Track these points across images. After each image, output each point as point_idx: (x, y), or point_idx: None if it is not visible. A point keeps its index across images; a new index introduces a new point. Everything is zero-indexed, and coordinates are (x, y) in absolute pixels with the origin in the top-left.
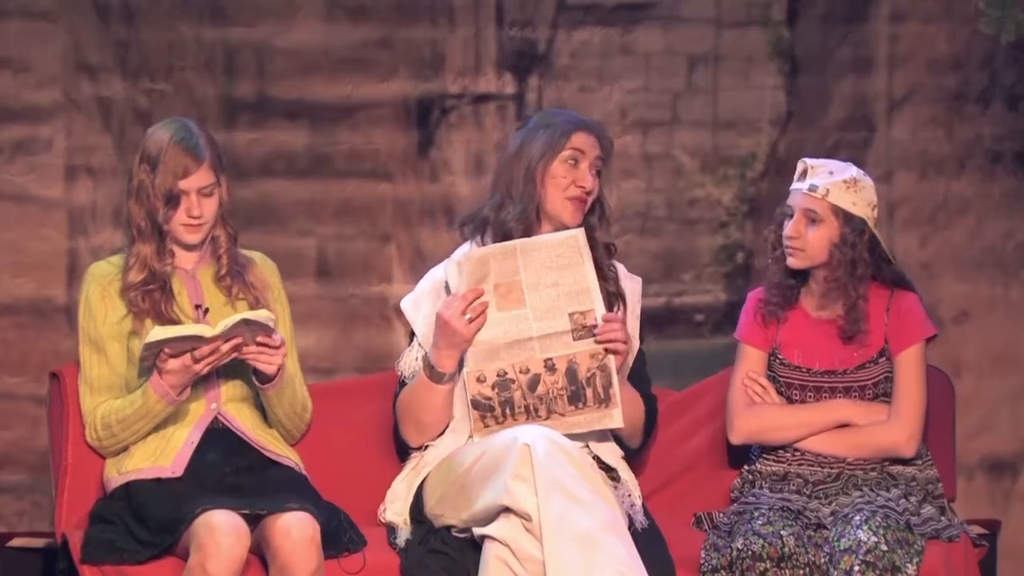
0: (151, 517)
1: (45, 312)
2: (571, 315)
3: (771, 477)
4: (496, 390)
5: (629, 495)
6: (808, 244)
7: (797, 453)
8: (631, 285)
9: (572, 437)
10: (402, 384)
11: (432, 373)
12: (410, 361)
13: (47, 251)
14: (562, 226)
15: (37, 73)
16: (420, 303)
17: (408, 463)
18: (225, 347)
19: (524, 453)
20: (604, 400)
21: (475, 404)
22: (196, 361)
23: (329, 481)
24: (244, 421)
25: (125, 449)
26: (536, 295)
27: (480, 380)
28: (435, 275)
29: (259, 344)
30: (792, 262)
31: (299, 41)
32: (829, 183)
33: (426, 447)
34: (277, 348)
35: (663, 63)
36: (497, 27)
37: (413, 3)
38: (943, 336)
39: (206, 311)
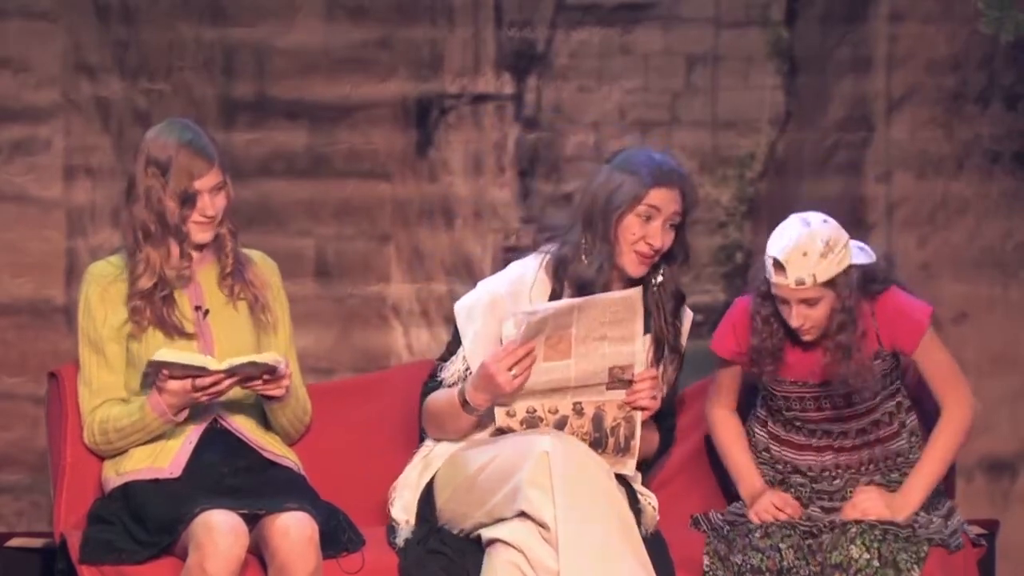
0: (150, 517)
1: (44, 312)
2: (611, 369)
3: (770, 479)
4: (523, 425)
5: (653, 509)
6: (817, 321)
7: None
8: (684, 322)
9: None
10: (437, 384)
11: (465, 407)
12: (452, 371)
13: (46, 251)
14: (626, 276)
15: (36, 73)
16: (474, 315)
17: (420, 451)
18: (227, 382)
19: (542, 460)
20: (623, 450)
21: (500, 432)
22: (196, 390)
23: (328, 481)
24: (243, 422)
25: (122, 453)
26: (583, 347)
27: (510, 415)
28: (495, 289)
29: (265, 381)
30: (808, 339)
31: (298, 41)
32: (812, 268)
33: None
34: (283, 377)
35: (662, 63)
36: (496, 27)
37: (412, 3)
38: (942, 336)
39: (206, 313)
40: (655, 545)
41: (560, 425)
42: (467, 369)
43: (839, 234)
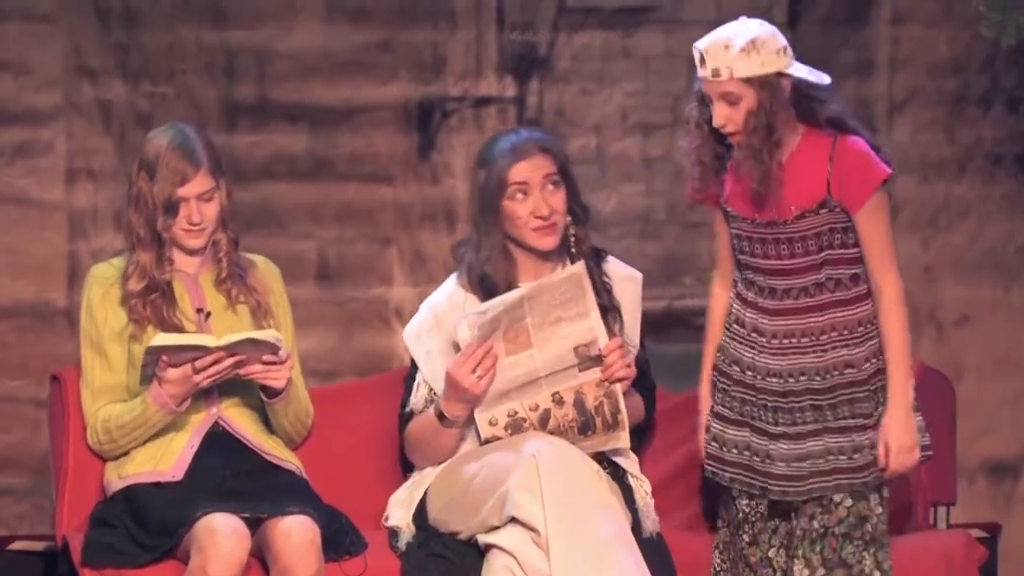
0: (152, 520)
1: (45, 315)
2: (576, 348)
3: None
4: (509, 431)
5: (646, 494)
6: (738, 123)
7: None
8: (629, 286)
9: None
10: (408, 414)
11: (443, 421)
12: (418, 398)
13: (47, 254)
14: (543, 254)
15: (37, 76)
16: (423, 337)
17: (412, 475)
18: (227, 361)
19: (530, 465)
20: (613, 426)
21: (488, 444)
22: (197, 372)
23: (330, 484)
24: (245, 425)
25: (126, 453)
26: (542, 334)
27: (492, 423)
28: (436, 305)
29: (265, 363)
30: (733, 142)
31: (299, 44)
32: (729, 61)
33: None
34: (283, 363)
35: (664, 66)
36: (498, 30)
37: (414, 6)
38: (944, 339)
39: (208, 315)
40: (656, 547)
41: (544, 420)
42: (431, 391)
43: (773, 39)
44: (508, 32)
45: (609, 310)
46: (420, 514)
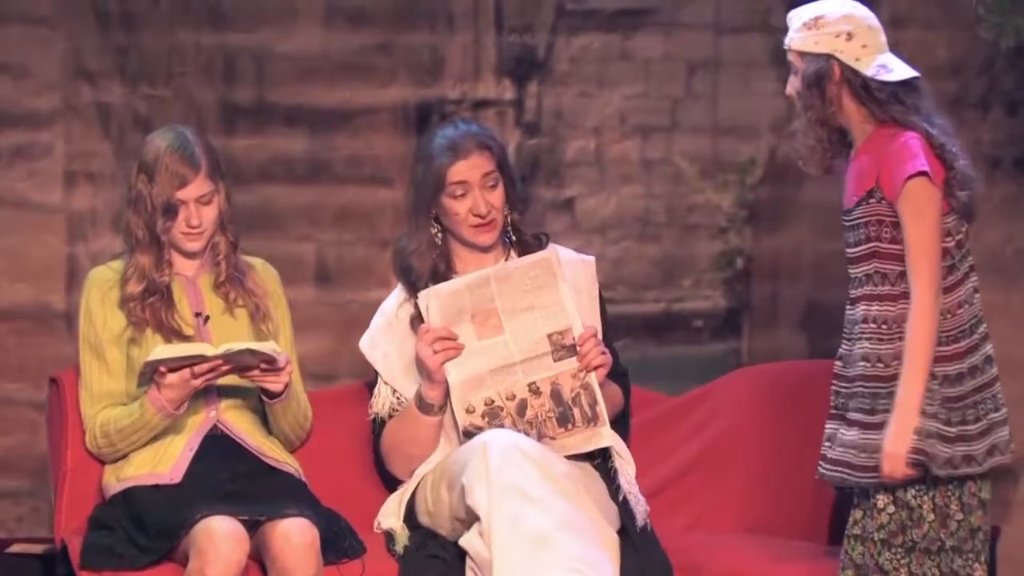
0: (150, 523)
1: (44, 318)
2: (549, 336)
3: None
4: (486, 419)
5: (632, 478)
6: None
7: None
8: (583, 268)
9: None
10: (379, 424)
11: (421, 404)
12: (381, 401)
13: (46, 257)
14: (482, 249)
15: (36, 79)
16: (376, 341)
17: (400, 486)
18: (225, 367)
19: (480, 454)
20: (592, 419)
21: (467, 434)
22: (195, 376)
23: (328, 487)
24: (243, 428)
25: (124, 456)
26: (514, 320)
27: (470, 411)
28: (386, 308)
29: (263, 370)
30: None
31: (298, 47)
32: (792, 34)
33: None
34: (283, 368)
35: (662, 69)
36: (496, 33)
37: (412, 9)
38: None
39: (206, 319)
40: (647, 539)
41: (521, 410)
42: (394, 393)
43: (839, 21)
44: (507, 34)
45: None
46: (411, 516)
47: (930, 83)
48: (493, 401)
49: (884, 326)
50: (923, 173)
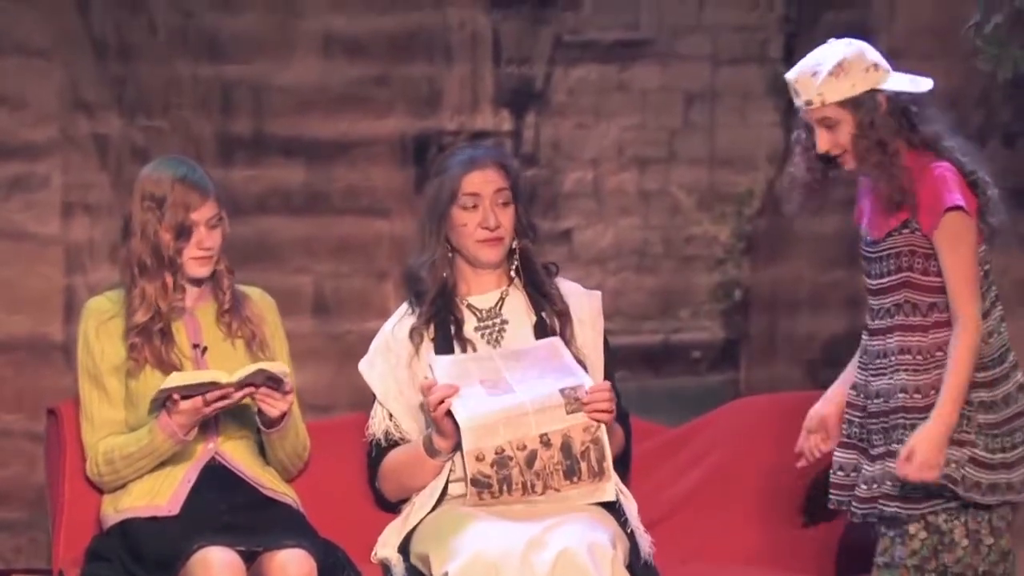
0: (148, 554)
1: (42, 349)
2: (562, 391)
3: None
4: (495, 468)
5: (636, 512)
6: (843, 146)
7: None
8: (588, 301)
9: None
10: (375, 446)
11: (430, 449)
12: (377, 423)
13: (44, 288)
14: (487, 266)
15: (34, 110)
16: (374, 362)
17: (402, 509)
18: (237, 395)
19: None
20: (598, 474)
21: (474, 482)
22: (207, 404)
23: (326, 518)
24: (241, 459)
25: (123, 486)
26: (524, 385)
27: (479, 459)
28: (385, 329)
29: (267, 388)
30: (847, 168)
31: (296, 78)
32: (819, 88)
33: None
34: (284, 394)
35: (660, 100)
36: (494, 64)
37: (410, 40)
38: None
39: (204, 350)
40: (646, 573)
41: (530, 461)
42: (390, 416)
43: (860, 58)
44: (504, 66)
45: (561, 315)
46: (405, 546)
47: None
48: (504, 450)
49: (920, 356)
50: (960, 207)
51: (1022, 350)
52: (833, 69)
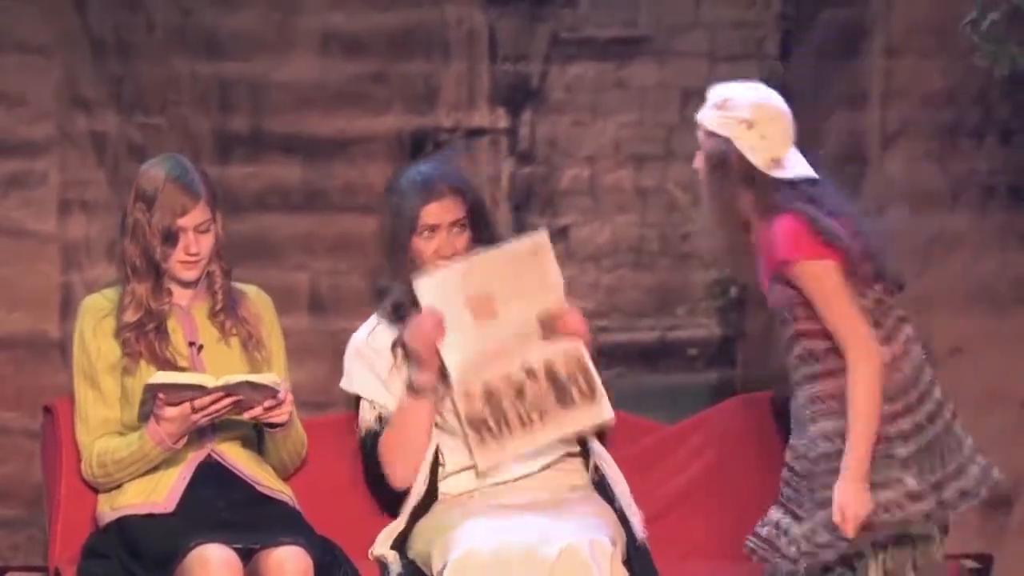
0: (145, 551)
1: (39, 347)
2: (538, 316)
3: None
4: (485, 403)
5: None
6: (701, 170)
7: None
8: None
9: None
10: (368, 441)
11: (412, 390)
12: (368, 412)
13: (41, 286)
14: None
15: (32, 107)
16: (350, 372)
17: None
18: (225, 401)
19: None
20: (589, 395)
21: (470, 422)
22: (195, 411)
23: (323, 516)
24: (237, 457)
25: (119, 486)
26: (506, 304)
27: (469, 396)
28: (358, 338)
29: (266, 408)
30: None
31: (294, 76)
32: (705, 110)
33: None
34: (283, 404)
35: (657, 97)
36: (491, 62)
37: (407, 38)
38: (937, 370)
39: (200, 348)
40: (643, 557)
41: (520, 392)
42: (372, 404)
43: (744, 107)
44: (501, 63)
45: None
46: (402, 544)
47: (925, 112)
48: (491, 384)
49: (833, 402)
50: (795, 260)
51: (1023, 351)
52: (719, 100)
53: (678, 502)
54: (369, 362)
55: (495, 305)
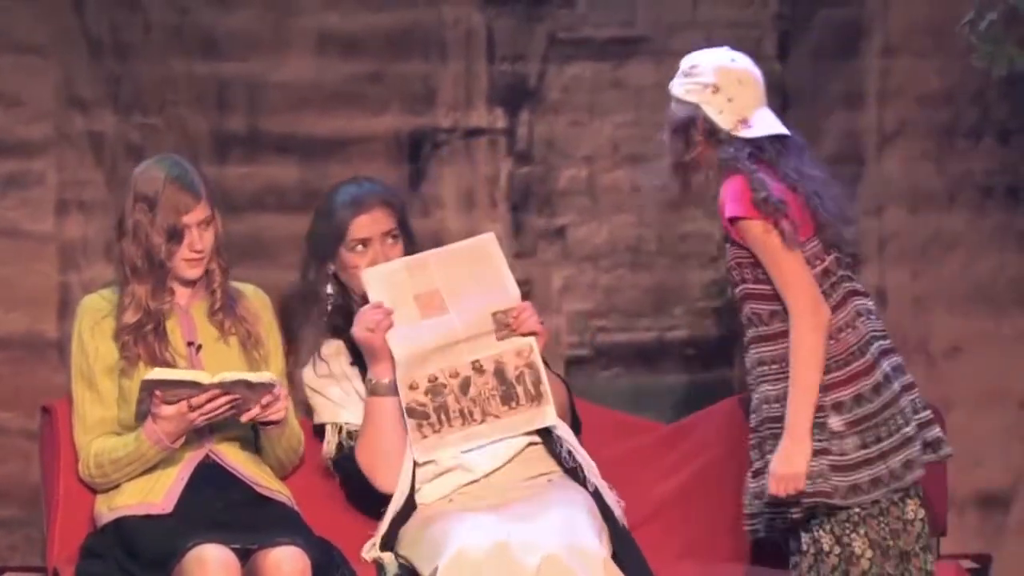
0: (142, 552)
1: (37, 347)
2: (494, 315)
3: None
4: (429, 396)
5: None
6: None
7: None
8: None
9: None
10: (341, 462)
11: (373, 387)
12: (331, 439)
13: (38, 286)
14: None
15: (29, 107)
16: (314, 408)
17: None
18: (222, 399)
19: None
20: (535, 397)
21: (410, 412)
22: (192, 409)
23: (321, 516)
24: (235, 458)
25: (116, 486)
26: (457, 300)
27: (413, 388)
28: (306, 379)
29: (263, 407)
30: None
31: (291, 76)
32: (675, 80)
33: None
34: (280, 400)
35: (654, 97)
36: (488, 62)
37: (405, 38)
38: (935, 370)
39: (199, 348)
40: (626, 539)
41: (464, 387)
42: (335, 426)
43: (713, 72)
44: (498, 63)
45: None
46: (391, 547)
47: (923, 112)
48: (436, 378)
49: (775, 366)
50: (739, 217)
51: (1021, 350)
52: (686, 68)
53: (675, 502)
54: (323, 392)
55: (443, 301)
